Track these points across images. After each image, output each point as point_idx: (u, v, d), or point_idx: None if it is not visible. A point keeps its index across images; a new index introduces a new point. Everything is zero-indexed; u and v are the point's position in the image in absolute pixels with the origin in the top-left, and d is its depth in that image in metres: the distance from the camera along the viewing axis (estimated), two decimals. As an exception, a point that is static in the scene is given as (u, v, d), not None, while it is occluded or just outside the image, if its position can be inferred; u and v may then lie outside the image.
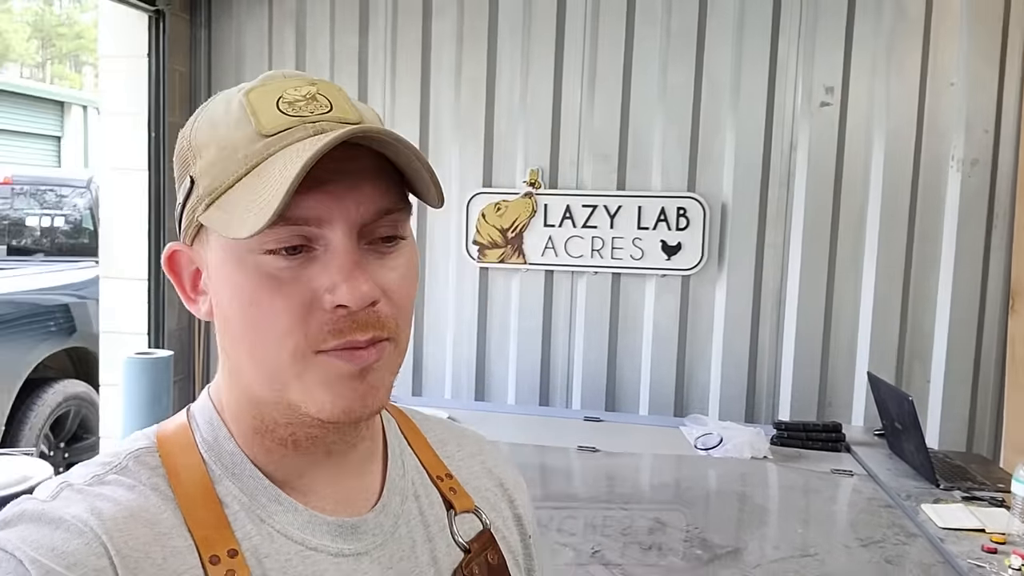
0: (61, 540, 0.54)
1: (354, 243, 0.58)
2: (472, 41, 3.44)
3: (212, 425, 0.65)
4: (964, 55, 3.08)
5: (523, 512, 0.80)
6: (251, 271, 0.58)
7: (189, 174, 0.61)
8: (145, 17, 3.33)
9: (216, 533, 0.59)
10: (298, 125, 0.58)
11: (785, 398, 3.31)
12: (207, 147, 0.60)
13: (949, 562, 1.81)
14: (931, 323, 3.19)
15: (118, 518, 0.57)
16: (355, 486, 0.68)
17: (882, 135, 3.16)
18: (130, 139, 3.41)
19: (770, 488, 2.43)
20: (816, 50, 3.19)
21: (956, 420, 3.18)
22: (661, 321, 3.36)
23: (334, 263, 0.57)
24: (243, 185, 0.57)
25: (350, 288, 0.56)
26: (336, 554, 0.63)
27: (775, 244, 3.28)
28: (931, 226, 3.17)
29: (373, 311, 0.59)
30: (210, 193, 0.59)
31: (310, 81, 0.61)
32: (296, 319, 0.57)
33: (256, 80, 0.62)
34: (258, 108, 0.59)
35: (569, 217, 3.33)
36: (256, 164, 0.57)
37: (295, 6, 3.58)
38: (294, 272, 0.57)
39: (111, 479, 0.60)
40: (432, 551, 0.69)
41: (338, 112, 0.59)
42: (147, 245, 3.44)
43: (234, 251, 0.59)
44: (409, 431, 0.76)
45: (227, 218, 0.57)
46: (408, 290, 0.62)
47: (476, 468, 0.79)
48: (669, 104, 3.30)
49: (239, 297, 0.59)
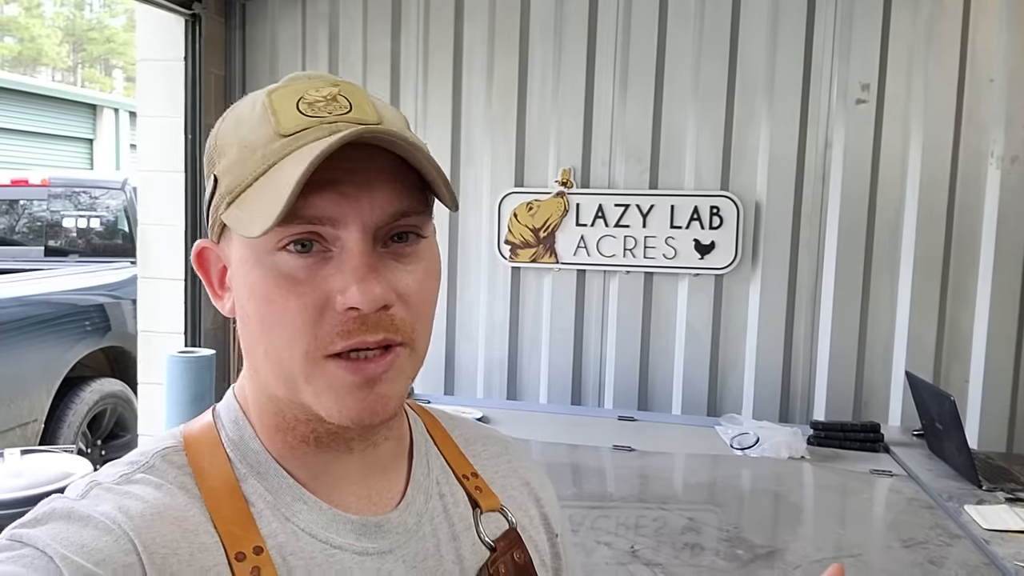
0: (91, 537, 0.55)
1: (369, 245, 0.58)
2: (504, 42, 3.44)
3: (237, 424, 0.66)
4: (1004, 50, 3.04)
5: (550, 511, 0.79)
6: (268, 270, 0.58)
7: (214, 172, 0.62)
8: (182, 20, 3.37)
9: (242, 530, 0.60)
10: (315, 125, 0.58)
11: (820, 398, 3.27)
12: (230, 146, 0.61)
13: (995, 564, 1.78)
14: (970, 322, 3.15)
15: (146, 515, 0.58)
16: (380, 485, 0.68)
17: (919, 132, 3.12)
18: (167, 141, 3.45)
19: (808, 488, 2.41)
20: (852, 46, 3.16)
21: (996, 420, 3.13)
22: (694, 321, 3.34)
23: (348, 265, 0.57)
24: (259, 184, 0.58)
25: (362, 290, 0.56)
26: (360, 553, 0.63)
27: (810, 242, 3.25)
28: (969, 224, 3.12)
29: (386, 314, 0.58)
30: (230, 192, 0.60)
31: (332, 82, 0.62)
32: (308, 320, 0.58)
33: (281, 81, 0.63)
34: (278, 108, 0.59)
35: (601, 216, 3.32)
36: (273, 163, 0.57)
37: (328, 8, 3.60)
38: (309, 272, 0.58)
39: (139, 478, 0.61)
40: (457, 550, 0.69)
41: (357, 113, 0.59)
42: (183, 246, 3.48)
43: (253, 249, 0.59)
44: (435, 430, 0.77)
45: (243, 217, 0.58)
46: (426, 294, 0.62)
47: (502, 467, 0.79)
48: (702, 102, 3.28)
49: (256, 295, 0.59)
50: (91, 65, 25.00)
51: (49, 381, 4.04)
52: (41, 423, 3.96)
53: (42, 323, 4.06)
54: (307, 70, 3.72)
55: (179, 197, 3.47)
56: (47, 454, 2.94)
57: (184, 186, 3.46)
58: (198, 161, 3.49)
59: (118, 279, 4.68)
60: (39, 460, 2.79)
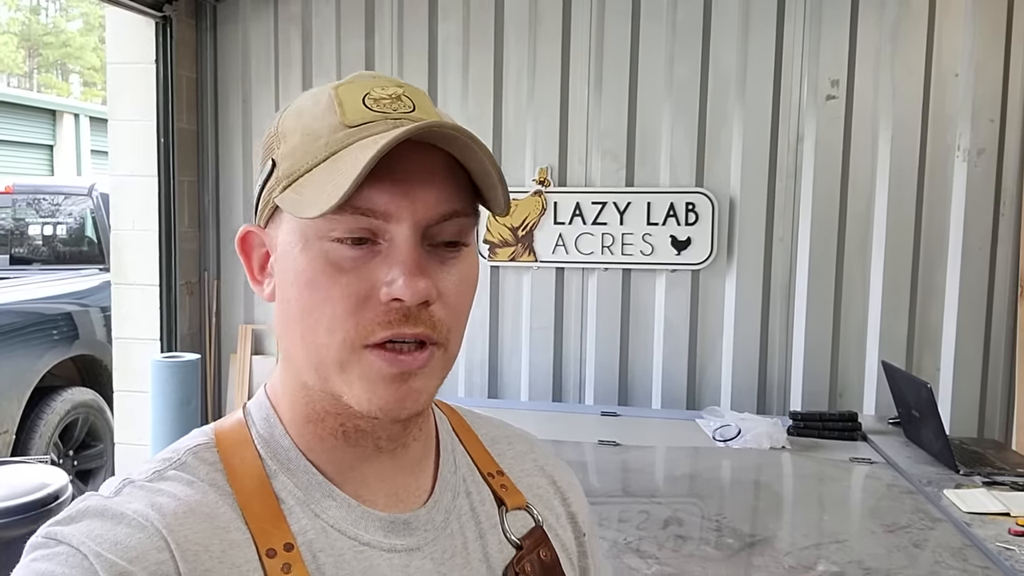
0: (124, 535, 0.56)
1: (418, 241, 0.59)
2: (478, 41, 3.45)
3: (268, 421, 0.66)
4: (969, 45, 3.11)
5: (577, 510, 0.79)
6: (316, 256, 0.59)
7: (272, 157, 0.63)
8: (152, 23, 3.33)
9: (272, 527, 0.60)
10: (380, 120, 0.59)
11: (796, 389, 3.33)
12: (293, 133, 0.62)
13: (977, 546, 1.83)
14: (940, 311, 3.22)
15: (178, 512, 0.58)
16: (407, 483, 0.68)
17: (888, 127, 3.19)
18: (139, 145, 3.41)
19: (792, 477, 2.46)
20: (821, 42, 3.22)
21: (967, 407, 3.21)
22: (672, 316, 3.38)
23: (396, 257, 0.58)
24: (320, 170, 0.59)
25: (408, 283, 0.57)
26: (388, 549, 0.64)
27: (783, 237, 3.30)
28: (938, 216, 3.20)
29: (427, 310, 0.59)
30: (288, 175, 0.60)
31: (397, 83, 0.63)
32: (350, 309, 0.58)
33: (346, 78, 0.64)
34: (344, 101, 0.61)
35: (579, 214, 3.34)
36: (335, 151, 0.59)
37: (300, 8, 3.58)
38: (356, 263, 0.59)
39: (171, 475, 0.62)
40: (484, 547, 0.69)
41: (420, 113, 0.61)
42: (158, 251, 3.44)
43: (303, 234, 0.60)
44: (461, 429, 0.77)
45: (299, 199, 0.58)
46: (465, 297, 0.62)
47: (528, 466, 0.79)
48: (676, 99, 3.32)
49: (300, 280, 0.60)
50: (47, 70, 24.50)
51: (19, 391, 3.96)
52: (12, 434, 3.88)
53: (10, 332, 3.98)
54: (280, 72, 3.68)
55: (152, 201, 3.42)
56: (21, 465, 2.89)
57: (158, 190, 3.42)
58: (171, 164, 3.45)
59: (86, 287, 4.60)
60: (13, 471, 2.75)
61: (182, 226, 3.54)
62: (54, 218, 5.28)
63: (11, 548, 2.34)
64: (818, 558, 1.79)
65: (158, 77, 3.38)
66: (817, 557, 1.80)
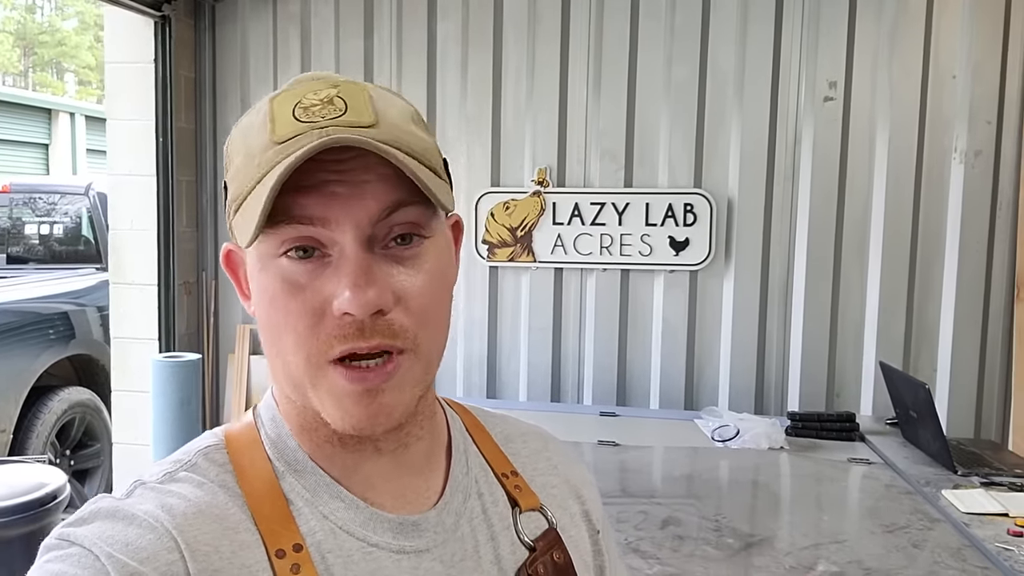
0: (135, 536, 0.56)
1: (363, 247, 0.57)
2: (477, 41, 3.45)
3: (275, 422, 0.67)
4: (966, 47, 3.13)
5: (591, 508, 0.79)
6: (273, 274, 0.59)
7: (225, 179, 0.63)
8: (151, 22, 3.33)
9: (282, 528, 0.61)
10: (306, 131, 0.57)
11: (794, 389, 3.34)
12: (237, 154, 0.61)
13: (976, 546, 1.84)
14: (937, 312, 3.23)
15: (188, 514, 0.59)
16: (415, 483, 0.68)
17: (885, 128, 3.20)
18: (138, 145, 3.41)
19: (791, 478, 2.46)
20: (819, 44, 3.23)
21: (964, 407, 3.22)
22: (670, 316, 3.39)
23: (343, 269, 0.57)
24: (255, 192, 0.57)
25: (354, 295, 0.56)
26: (397, 551, 0.64)
27: (781, 238, 3.31)
28: (935, 217, 3.21)
29: (383, 319, 0.58)
30: (235, 199, 0.60)
31: (333, 83, 0.61)
32: (309, 325, 0.58)
33: (287, 83, 0.63)
34: (276, 115, 0.59)
35: (578, 215, 3.35)
36: (266, 172, 0.57)
37: (299, 9, 3.58)
38: (309, 277, 0.58)
39: (182, 476, 0.62)
40: (495, 549, 0.69)
41: (351, 115, 0.58)
42: (156, 251, 3.43)
43: (259, 254, 0.60)
44: (474, 428, 0.76)
45: (241, 224, 0.58)
46: (430, 296, 0.61)
47: (542, 464, 0.78)
48: (674, 101, 3.33)
49: (263, 299, 0.60)
50: (43, 69, 24.43)
51: (16, 391, 3.95)
52: (9, 434, 3.87)
53: (7, 332, 3.97)
54: (279, 72, 3.68)
55: (151, 201, 3.42)
56: (19, 465, 2.89)
57: (156, 190, 3.42)
58: (170, 164, 3.45)
59: (82, 286, 4.59)
60: (11, 471, 2.74)
61: (180, 226, 3.54)
62: (50, 217, 5.27)
63: (11, 547, 2.35)
64: (818, 558, 1.80)
65: (157, 76, 3.38)
66: (817, 557, 1.80)
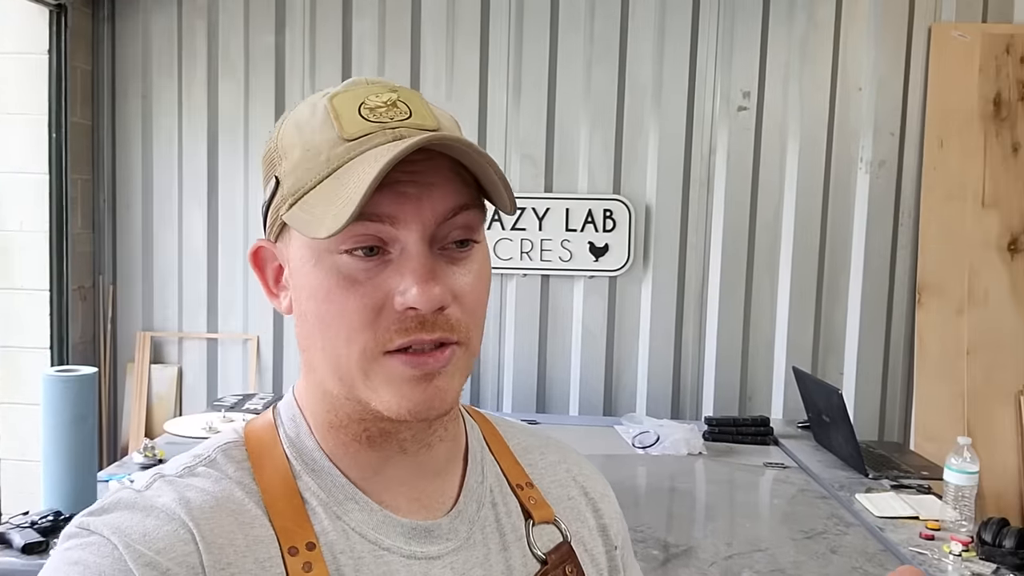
0: (152, 527, 0.58)
1: (427, 247, 0.60)
2: (395, 42, 3.38)
3: (295, 422, 0.67)
4: (871, 60, 3.25)
5: (609, 522, 0.78)
6: (329, 270, 0.60)
7: (275, 174, 0.64)
8: (45, 11, 3.11)
9: (296, 526, 0.62)
10: (378, 131, 0.60)
11: (709, 394, 3.40)
12: (293, 149, 0.62)
13: (891, 550, 1.90)
14: (843, 318, 3.35)
15: (204, 507, 0.61)
16: (431, 488, 0.68)
17: (796, 138, 3.29)
18: (29, 140, 3.19)
19: (710, 483, 2.49)
20: (733, 55, 3.29)
21: (868, 409, 3.35)
22: (589, 322, 3.40)
23: (408, 266, 0.59)
24: (324, 187, 0.59)
25: (421, 291, 0.58)
26: (409, 556, 0.65)
27: (697, 244, 3.36)
28: (842, 225, 3.32)
29: (443, 315, 0.60)
30: (293, 193, 0.61)
31: (391, 88, 0.63)
32: (367, 319, 0.59)
33: (340, 86, 0.65)
34: (341, 113, 0.61)
35: (498, 219, 3.31)
36: (337, 167, 0.59)
37: (206, 1, 3.42)
38: (369, 274, 0.59)
39: (200, 471, 0.64)
40: (507, 560, 0.69)
41: (416, 119, 0.61)
42: (48, 253, 3.22)
43: (314, 250, 0.61)
44: (492, 438, 0.77)
45: (308, 218, 0.59)
46: (480, 295, 0.64)
47: (560, 476, 0.78)
48: (594, 108, 3.33)
49: (316, 295, 0.61)
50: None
51: None
52: None
53: None
54: (183, 66, 3.52)
55: (43, 200, 3.20)
56: None
57: (49, 188, 3.20)
58: (64, 161, 3.24)
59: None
60: None
61: (75, 227, 3.33)
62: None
63: None
64: (742, 567, 1.82)
65: (50, 69, 3.16)
66: (741, 566, 1.82)
